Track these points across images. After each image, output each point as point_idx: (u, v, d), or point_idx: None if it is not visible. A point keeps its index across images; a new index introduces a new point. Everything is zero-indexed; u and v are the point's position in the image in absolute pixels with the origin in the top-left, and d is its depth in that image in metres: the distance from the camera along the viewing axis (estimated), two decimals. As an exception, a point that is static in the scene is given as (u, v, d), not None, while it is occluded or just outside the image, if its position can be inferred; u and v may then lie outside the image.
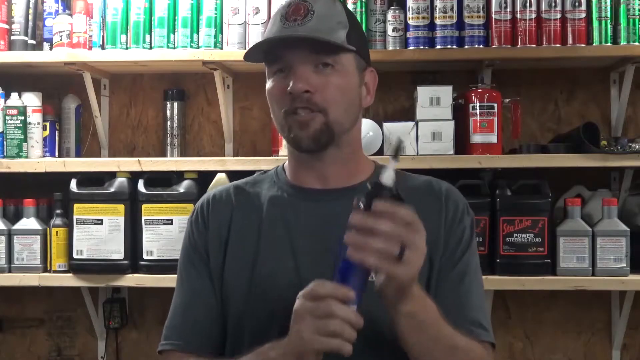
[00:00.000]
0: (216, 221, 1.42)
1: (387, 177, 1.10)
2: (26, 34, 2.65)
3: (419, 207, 1.32)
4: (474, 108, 2.42)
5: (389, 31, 2.49)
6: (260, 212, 1.40)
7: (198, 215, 1.45)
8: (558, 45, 2.43)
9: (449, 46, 2.45)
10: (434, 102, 2.44)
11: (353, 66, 1.36)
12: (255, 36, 2.49)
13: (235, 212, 1.42)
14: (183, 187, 2.48)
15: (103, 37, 2.56)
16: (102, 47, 2.56)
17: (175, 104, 2.72)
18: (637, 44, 2.43)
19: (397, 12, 2.49)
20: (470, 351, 1.27)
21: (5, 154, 2.56)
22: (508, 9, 2.44)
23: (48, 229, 2.53)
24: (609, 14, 2.44)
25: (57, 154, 2.69)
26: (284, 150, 2.34)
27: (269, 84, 1.38)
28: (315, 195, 1.39)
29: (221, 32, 2.54)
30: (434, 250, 1.33)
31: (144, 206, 2.47)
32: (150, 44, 2.55)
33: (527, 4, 2.44)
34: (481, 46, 2.45)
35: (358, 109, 1.39)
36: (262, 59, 1.39)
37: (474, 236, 1.40)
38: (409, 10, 2.48)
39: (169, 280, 2.32)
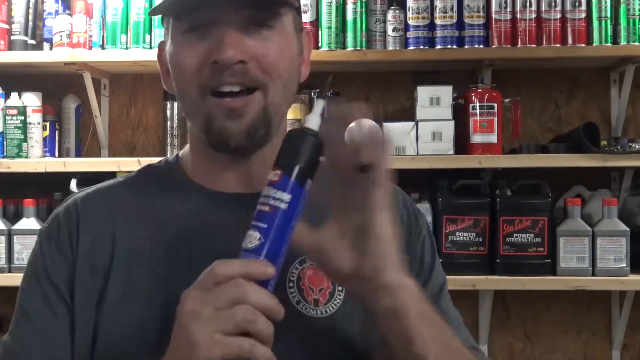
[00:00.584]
0: (88, 240, 1.00)
1: (312, 121, 0.85)
2: (26, 34, 2.65)
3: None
4: (474, 108, 2.42)
5: (389, 31, 2.49)
6: (159, 228, 1.00)
7: (58, 230, 1.02)
8: (558, 45, 2.43)
9: (449, 46, 2.45)
10: (434, 102, 2.44)
11: (292, 28, 1.01)
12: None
13: (120, 228, 1.00)
14: (183, 187, 2.48)
15: (103, 37, 2.56)
16: (102, 47, 2.56)
17: (175, 104, 2.71)
18: (637, 44, 2.43)
19: (397, 12, 2.49)
20: None
21: (5, 154, 2.55)
22: (508, 9, 2.44)
23: (48, 229, 2.53)
24: (609, 14, 2.44)
25: (57, 154, 2.68)
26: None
27: (173, 47, 0.99)
28: (237, 202, 0.99)
29: (221, 32, 2.54)
30: (412, 266, 1.01)
31: (144, 206, 2.47)
32: (150, 44, 2.55)
33: (527, 4, 2.43)
34: (481, 46, 2.45)
35: (296, 85, 1.02)
36: (165, 11, 1.01)
37: (434, 241, 1.11)
38: (409, 10, 2.47)
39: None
